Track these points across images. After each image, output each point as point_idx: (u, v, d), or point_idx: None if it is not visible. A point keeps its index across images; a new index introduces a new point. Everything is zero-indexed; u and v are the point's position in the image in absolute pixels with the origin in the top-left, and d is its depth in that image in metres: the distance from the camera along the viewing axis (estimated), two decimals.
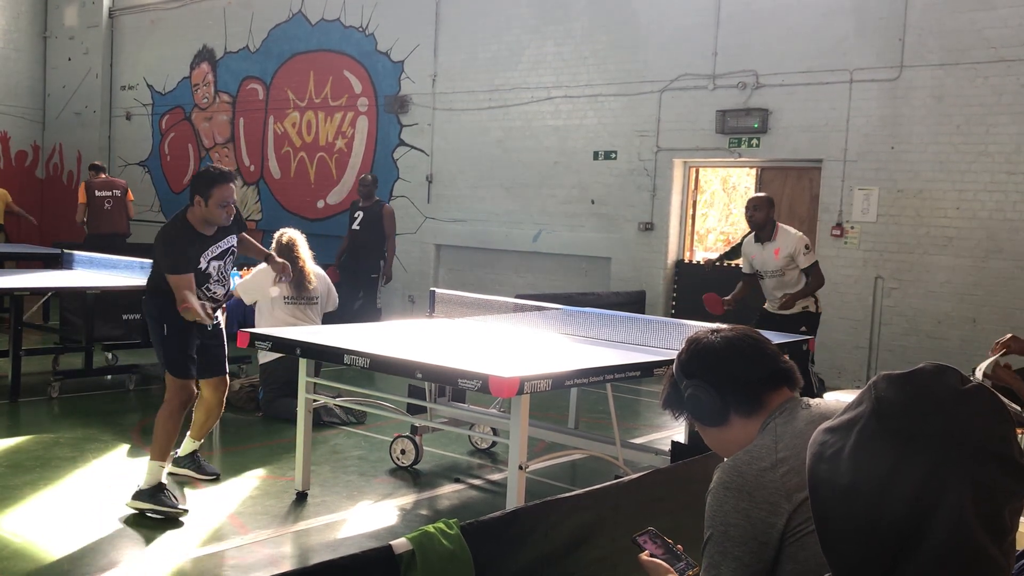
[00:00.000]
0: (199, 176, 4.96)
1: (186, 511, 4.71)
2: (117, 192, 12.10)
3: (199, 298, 4.89)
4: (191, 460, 5.35)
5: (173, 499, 4.74)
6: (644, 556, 2.24)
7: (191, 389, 4.92)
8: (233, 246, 5.16)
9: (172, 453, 5.03)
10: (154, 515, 4.64)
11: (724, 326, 2.15)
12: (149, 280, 5.10)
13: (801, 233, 7.16)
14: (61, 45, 17.66)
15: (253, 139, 15.06)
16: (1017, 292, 8.53)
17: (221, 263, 5.07)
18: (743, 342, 2.08)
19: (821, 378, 7.44)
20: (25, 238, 15.96)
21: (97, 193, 11.89)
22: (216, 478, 5.34)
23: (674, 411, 2.16)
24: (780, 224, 7.10)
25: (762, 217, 6.98)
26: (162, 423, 4.83)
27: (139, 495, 4.71)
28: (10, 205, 13.76)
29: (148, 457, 4.83)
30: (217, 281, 5.06)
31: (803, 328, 6.96)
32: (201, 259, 4.94)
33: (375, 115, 13.40)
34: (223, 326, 5.34)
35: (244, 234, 5.30)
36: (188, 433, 5.31)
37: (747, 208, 7.13)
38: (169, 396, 4.87)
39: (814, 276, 6.97)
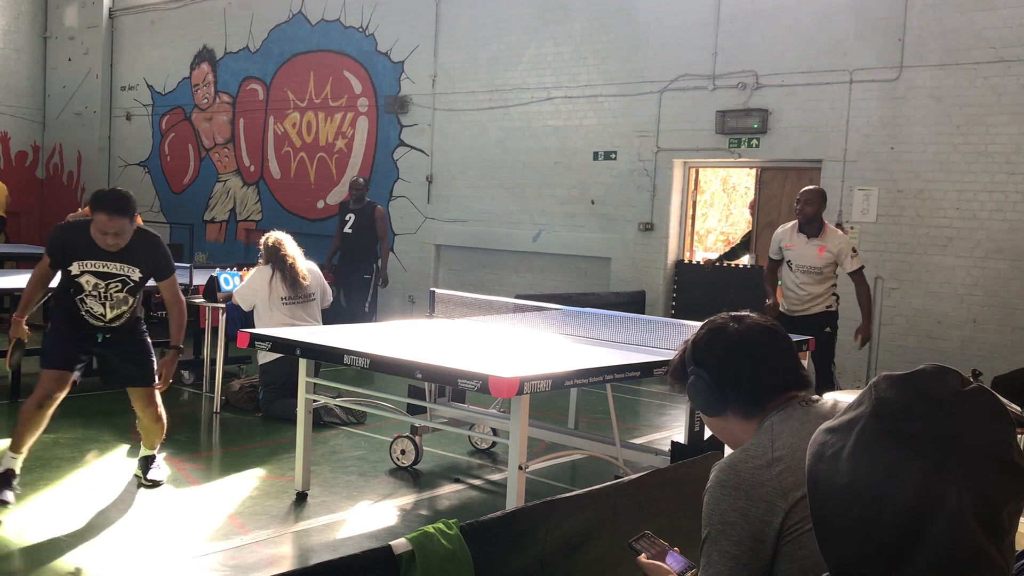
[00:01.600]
0: (95, 193, 4.81)
1: (6, 503, 4.65)
2: None
3: (76, 307, 4.85)
4: (143, 462, 5.31)
5: (12, 486, 4.74)
6: (642, 559, 2.24)
7: (51, 383, 4.78)
8: (132, 281, 4.89)
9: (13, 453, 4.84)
10: None
11: (750, 315, 2.10)
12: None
13: (847, 236, 7.05)
14: (61, 45, 17.66)
15: (253, 139, 15.06)
16: (1017, 292, 8.53)
17: (103, 284, 4.83)
18: (759, 342, 2.04)
19: (840, 384, 7.40)
20: (25, 238, 15.97)
21: None
22: (156, 484, 5.18)
23: (677, 384, 2.16)
24: (827, 223, 7.00)
25: (813, 211, 6.84)
26: (22, 415, 4.80)
27: None
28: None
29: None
30: (95, 298, 4.85)
31: (827, 329, 6.94)
32: (75, 263, 4.77)
33: (375, 115, 13.39)
34: (143, 337, 5.13)
35: (166, 283, 5.04)
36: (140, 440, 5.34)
37: (798, 200, 6.94)
38: (36, 387, 4.85)
39: (862, 283, 6.90)
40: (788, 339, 2.10)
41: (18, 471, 4.81)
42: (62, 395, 4.86)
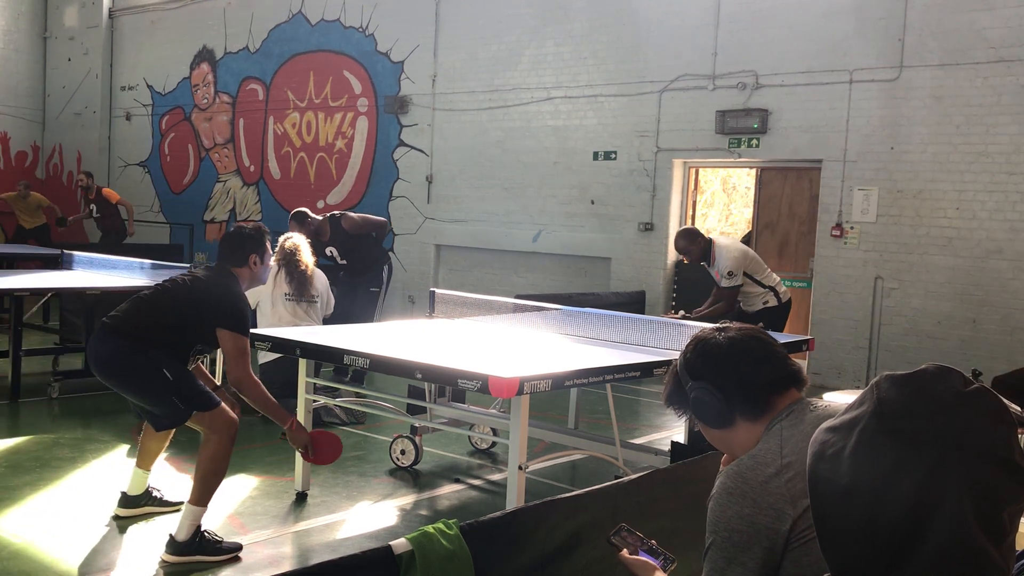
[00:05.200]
0: (246, 236, 4.52)
1: (240, 547, 4.24)
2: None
3: (190, 363, 4.46)
4: (148, 496, 4.73)
5: (217, 538, 4.20)
6: (625, 554, 2.23)
7: (231, 412, 4.32)
8: None
9: (156, 491, 4.70)
10: (210, 562, 4.13)
11: (731, 325, 2.11)
12: (143, 329, 4.29)
13: (733, 255, 7.15)
14: (61, 45, 17.66)
15: (253, 139, 15.06)
16: (1017, 292, 8.53)
17: None
18: (750, 343, 2.03)
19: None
20: (24, 239, 15.95)
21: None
22: (179, 506, 4.52)
23: (677, 409, 2.13)
24: (716, 245, 7.23)
25: (696, 253, 7.25)
26: (215, 464, 4.20)
27: (179, 548, 4.10)
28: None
29: (187, 502, 4.20)
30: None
31: (760, 324, 7.00)
32: None
33: (375, 115, 13.39)
34: None
35: None
36: (137, 465, 4.68)
37: (677, 249, 7.48)
38: (214, 434, 4.22)
39: (723, 300, 7.17)
40: (772, 337, 2.10)
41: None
42: None
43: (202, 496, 4.18)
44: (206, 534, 4.17)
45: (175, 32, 16.18)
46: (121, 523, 4.56)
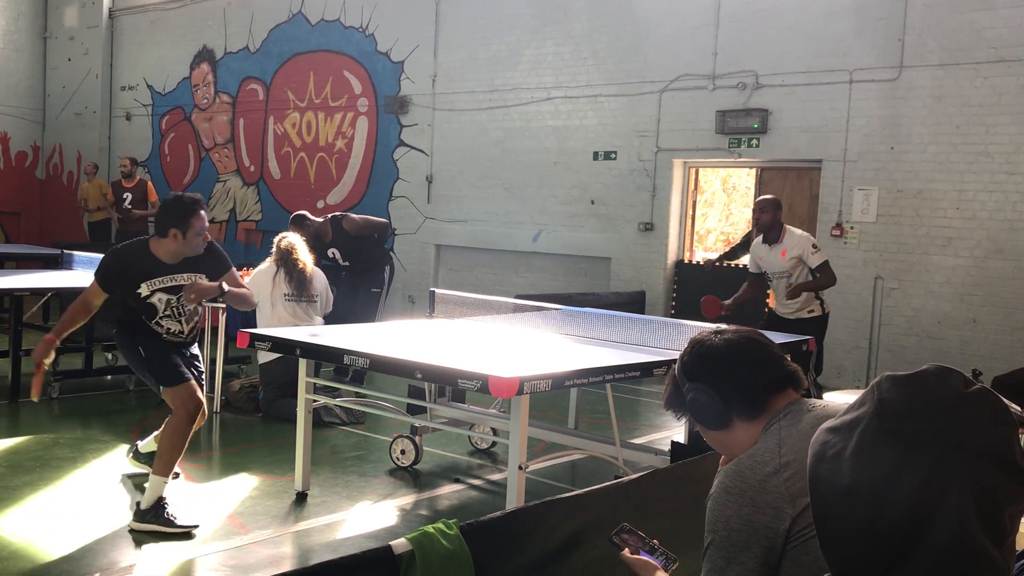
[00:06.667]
0: (172, 207, 4.66)
1: (196, 526, 4.47)
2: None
3: (153, 330, 4.66)
4: (150, 458, 4.97)
5: (174, 516, 4.46)
6: (626, 554, 2.23)
7: (195, 394, 4.59)
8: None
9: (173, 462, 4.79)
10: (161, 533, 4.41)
11: (728, 327, 2.11)
12: (111, 313, 4.88)
13: (808, 233, 7.17)
14: (61, 45, 17.65)
15: (253, 139, 15.06)
16: (1017, 292, 8.53)
17: (173, 299, 4.70)
18: (747, 345, 2.04)
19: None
20: (25, 239, 15.97)
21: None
22: (176, 476, 4.90)
23: (676, 412, 2.14)
24: (787, 226, 7.10)
25: (769, 219, 6.96)
26: (169, 436, 4.54)
27: (142, 516, 4.45)
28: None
29: (150, 472, 4.58)
30: (170, 317, 4.71)
31: (805, 348, 6.92)
32: (144, 284, 4.61)
33: (375, 115, 13.39)
34: (199, 358, 5.04)
35: (229, 275, 4.94)
36: (156, 433, 5.04)
37: (754, 210, 7.17)
38: (174, 409, 4.57)
39: (824, 273, 6.89)
40: (768, 339, 2.11)
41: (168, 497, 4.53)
42: (204, 406, 4.71)
43: (161, 467, 4.52)
44: (166, 508, 4.47)
45: (175, 32, 16.18)
46: (120, 524, 4.56)
